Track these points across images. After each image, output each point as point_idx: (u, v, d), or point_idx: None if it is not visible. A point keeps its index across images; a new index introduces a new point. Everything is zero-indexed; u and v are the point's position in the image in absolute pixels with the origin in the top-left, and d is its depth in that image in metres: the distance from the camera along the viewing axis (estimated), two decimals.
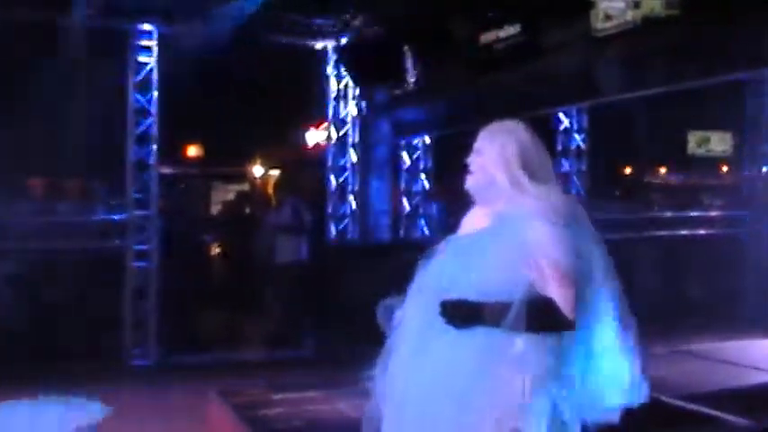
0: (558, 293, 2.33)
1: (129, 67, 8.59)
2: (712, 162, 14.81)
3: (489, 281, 2.38)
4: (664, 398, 5.49)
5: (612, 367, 2.45)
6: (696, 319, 9.13)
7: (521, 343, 2.34)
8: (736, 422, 5.01)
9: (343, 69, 10.08)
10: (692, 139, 13.67)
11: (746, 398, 5.74)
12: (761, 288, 10.49)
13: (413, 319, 2.52)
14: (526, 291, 2.33)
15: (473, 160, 2.61)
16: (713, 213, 11.37)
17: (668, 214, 11.13)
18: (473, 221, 2.63)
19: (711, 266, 10.52)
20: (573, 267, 2.36)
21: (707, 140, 13.60)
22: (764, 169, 10.92)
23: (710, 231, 10.86)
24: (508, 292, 2.34)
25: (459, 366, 2.37)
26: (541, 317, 2.32)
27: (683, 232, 10.62)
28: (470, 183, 2.61)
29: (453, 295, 2.39)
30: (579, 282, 2.38)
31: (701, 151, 13.64)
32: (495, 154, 2.55)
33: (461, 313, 2.36)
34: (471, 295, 2.37)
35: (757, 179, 10.96)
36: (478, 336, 2.36)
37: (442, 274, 2.49)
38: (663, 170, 17.11)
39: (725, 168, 15.36)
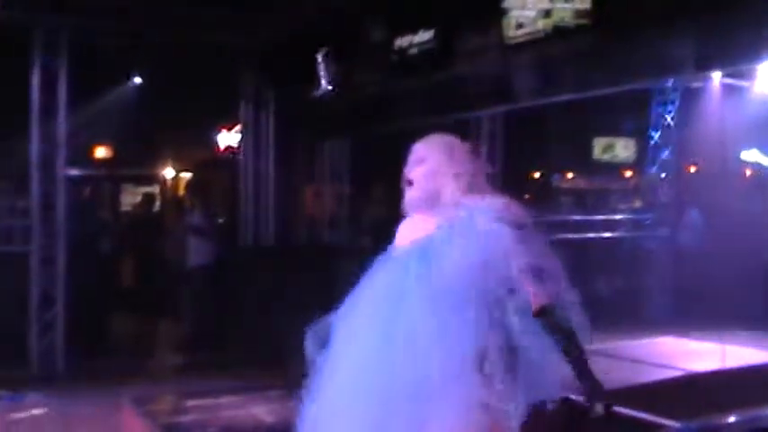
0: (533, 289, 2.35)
1: (33, 63, 8.30)
2: (616, 167, 15.34)
3: (462, 280, 2.35)
4: (572, 396, 5.66)
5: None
6: (602, 318, 9.41)
7: None
8: (643, 418, 5.20)
9: (258, 70, 10.00)
10: (598, 145, 14.15)
11: (652, 393, 5.97)
12: (663, 288, 10.93)
13: (365, 330, 2.44)
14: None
15: (415, 170, 2.57)
16: (618, 216, 11.75)
17: (575, 217, 11.45)
18: (415, 230, 2.56)
19: (616, 267, 10.90)
20: (541, 265, 2.38)
21: (612, 147, 14.09)
22: (664, 174, 11.38)
23: (615, 234, 11.23)
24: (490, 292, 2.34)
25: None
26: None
27: (590, 235, 10.95)
28: (414, 193, 2.57)
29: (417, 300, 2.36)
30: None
31: (606, 157, 14.14)
32: (440, 164, 2.54)
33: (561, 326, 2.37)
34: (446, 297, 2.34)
35: (658, 184, 11.41)
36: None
37: (397, 281, 2.43)
38: (570, 175, 17.60)
39: (628, 173, 15.93)
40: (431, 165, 2.56)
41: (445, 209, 2.50)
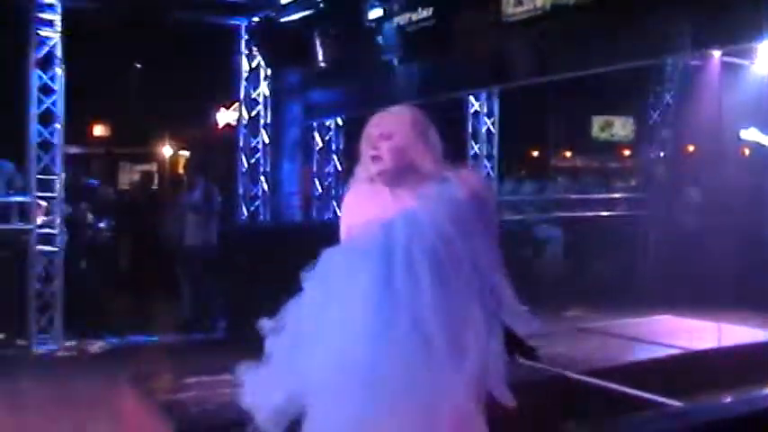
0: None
1: (30, 42, 8.25)
2: (615, 145, 15.31)
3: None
4: (568, 373, 5.70)
5: None
6: (599, 296, 9.44)
7: None
8: (638, 394, 5.24)
9: (254, 49, 9.96)
10: (596, 123, 14.12)
11: (646, 371, 6.00)
12: (660, 266, 10.93)
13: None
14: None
15: (382, 145, 2.58)
16: (616, 195, 11.73)
17: (573, 196, 11.43)
18: (372, 205, 2.61)
19: (614, 246, 10.89)
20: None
21: (610, 125, 14.07)
22: (662, 153, 11.34)
23: (613, 212, 11.21)
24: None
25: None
26: None
27: (588, 213, 10.93)
28: (385, 166, 2.58)
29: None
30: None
31: (604, 135, 14.12)
32: (411, 138, 2.57)
33: None
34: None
35: (656, 163, 11.38)
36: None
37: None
38: (568, 153, 17.58)
39: (626, 152, 15.90)
40: (400, 139, 2.58)
41: (424, 180, 2.56)
